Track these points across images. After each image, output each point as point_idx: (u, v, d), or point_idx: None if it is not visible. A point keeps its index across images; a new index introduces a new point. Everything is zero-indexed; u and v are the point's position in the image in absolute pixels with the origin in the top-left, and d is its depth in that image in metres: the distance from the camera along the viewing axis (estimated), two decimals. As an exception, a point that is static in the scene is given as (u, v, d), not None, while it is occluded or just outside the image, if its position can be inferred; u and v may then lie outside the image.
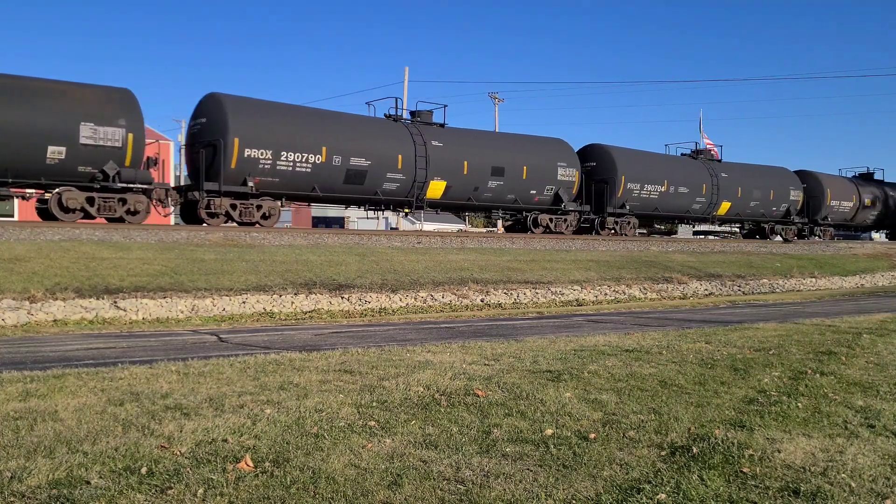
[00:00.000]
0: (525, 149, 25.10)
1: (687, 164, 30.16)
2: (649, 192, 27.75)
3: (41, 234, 15.21)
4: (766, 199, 31.86)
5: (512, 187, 24.32)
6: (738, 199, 30.90)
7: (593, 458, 4.18)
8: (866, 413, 5.40)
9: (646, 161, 28.43)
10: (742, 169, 32.04)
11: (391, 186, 21.85)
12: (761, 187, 31.61)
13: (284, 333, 10.36)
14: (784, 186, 32.65)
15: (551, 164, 25.25)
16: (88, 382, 5.90)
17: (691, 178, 29.34)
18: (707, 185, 29.60)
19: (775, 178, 32.67)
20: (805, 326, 11.17)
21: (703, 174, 29.79)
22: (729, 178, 30.55)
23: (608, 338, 9.38)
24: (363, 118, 22.49)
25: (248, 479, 3.71)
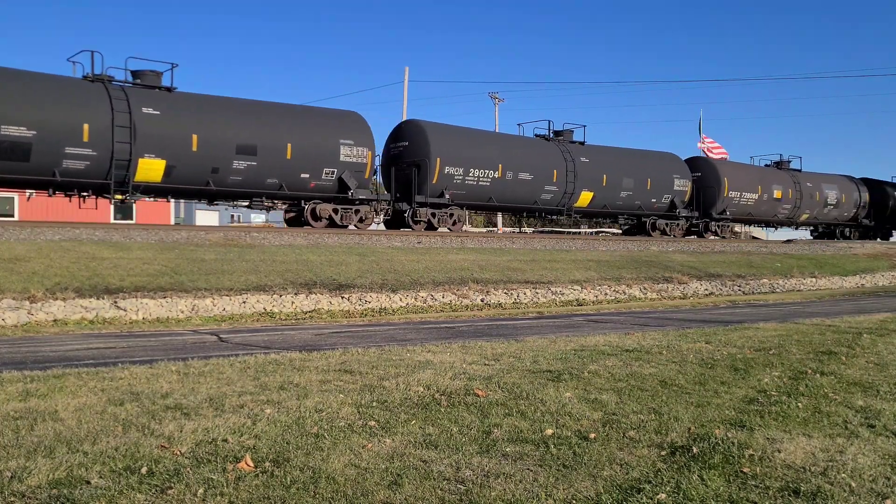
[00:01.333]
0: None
1: (533, 145, 25.98)
2: (476, 177, 23.57)
3: (41, 234, 15.21)
4: (641, 189, 27.79)
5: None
6: (602, 189, 26.66)
7: (593, 458, 4.18)
8: (866, 413, 5.40)
9: (472, 141, 24.22)
10: (612, 153, 28.11)
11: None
12: (635, 175, 27.74)
13: (284, 333, 10.36)
14: (667, 174, 28.85)
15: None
16: (88, 382, 5.91)
17: (538, 163, 25.12)
18: (560, 172, 25.43)
19: (656, 164, 28.99)
20: (805, 326, 11.16)
21: (554, 158, 25.51)
22: (591, 163, 26.42)
23: (608, 338, 9.37)
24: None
25: (248, 479, 3.71)
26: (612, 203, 27.43)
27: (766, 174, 33.29)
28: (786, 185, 33.28)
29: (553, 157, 25.70)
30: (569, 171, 25.72)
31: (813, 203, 34.51)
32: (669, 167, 29.27)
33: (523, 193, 24.95)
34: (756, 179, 32.13)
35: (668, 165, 29.35)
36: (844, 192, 36.33)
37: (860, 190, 37.22)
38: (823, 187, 35.20)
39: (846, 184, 36.95)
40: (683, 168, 29.89)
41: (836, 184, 36.23)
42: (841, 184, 36.62)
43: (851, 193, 36.71)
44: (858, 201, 36.81)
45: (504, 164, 24.12)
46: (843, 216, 36.63)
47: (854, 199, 36.75)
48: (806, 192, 34.06)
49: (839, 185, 36.33)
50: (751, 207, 31.85)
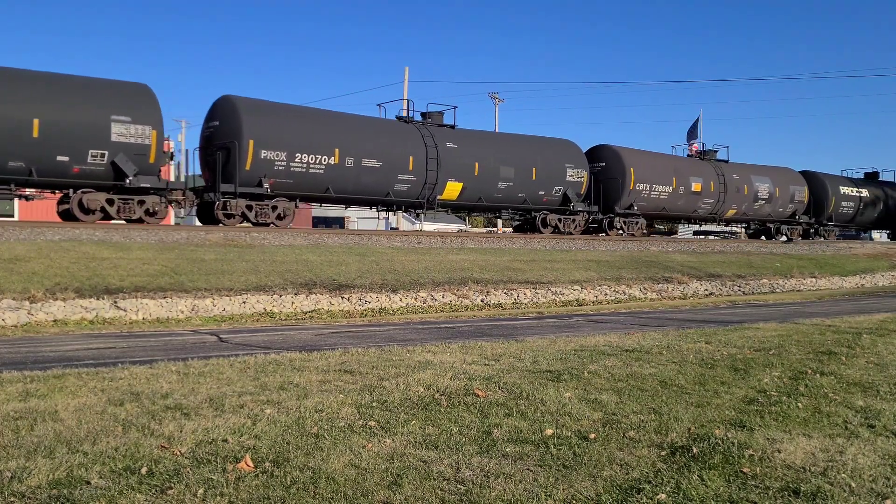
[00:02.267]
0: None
1: (384, 128, 22.58)
2: (306, 164, 20.40)
3: (41, 234, 15.21)
4: (524, 180, 24.74)
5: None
6: (474, 179, 23.46)
7: (593, 458, 4.18)
8: (866, 413, 5.40)
9: (299, 121, 21.01)
10: (487, 139, 24.98)
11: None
12: (517, 164, 24.36)
13: (284, 333, 10.36)
14: (558, 164, 25.44)
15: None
16: (88, 382, 5.91)
17: (389, 148, 21.90)
18: (418, 159, 22.15)
19: (545, 152, 25.50)
20: (805, 326, 11.16)
21: (411, 143, 22.33)
22: (459, 149, 23.16)
23: (608, 338, 9.37)
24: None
25: (248, 479, 3.71)
26: (489, 195, 23.98)
27: (684, 165, 29.97)
28: (707, 177, 30.04)
29: (410, 141, 22.22)
30: (430, 159, 22.29)
31: (740, 197, 31.28)
32: (561, 155, 25.76)
33: (370, 183, 21.48)
34: (670, 170, 28.81)
35: (559, 153, 25.79)
36: (779, 185, 32.90)
37: (798, 184, 33.97)
38: (753, 180, 31.92)
39: (782, 176, 33.61)
40: (578, 156, 26.31)
41: (768, 176, 32.85)
42: (776, 176, 33.26)
43: (787, 187, 33.29)
44: (795, 196, 33.46)
45: (342, 148, 20.68)
46: (777, 212, 33.28)
47: (790, 194, 33.34)
48: (732, 184, 30.82)
49: (773, 178, 32.91)
50: (664, 202, 28.48)
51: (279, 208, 20.29)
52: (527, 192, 24.80)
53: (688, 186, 29.18)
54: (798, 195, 33.61)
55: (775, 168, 34.16)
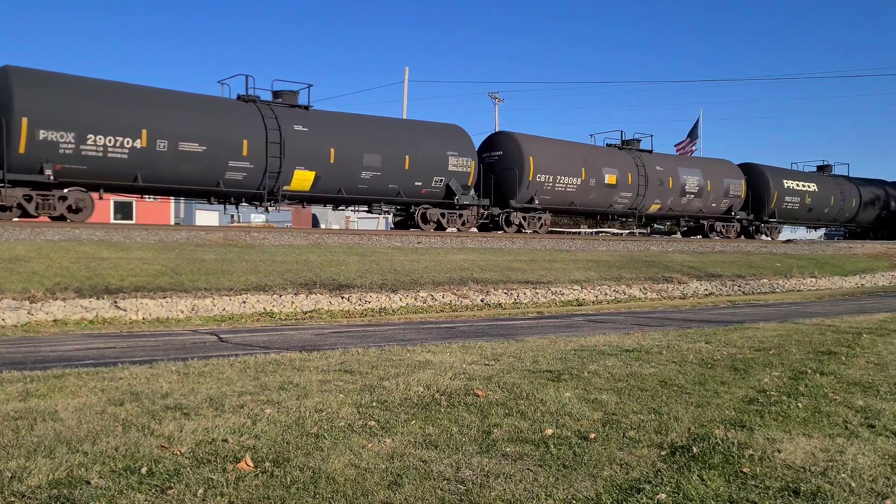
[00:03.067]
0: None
1: (212, 107, 19.48)
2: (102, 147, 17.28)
3: (41, 234, 15.22)
4: (395, 170, 21.70)
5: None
6: (329, 167, 20.61)
7: (593, 458, 4.18)
8: (866, 413, 5.40)
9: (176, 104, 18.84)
10: (349, 122, 21.63)
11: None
12: (385, 151, 21.56)
13: (284, 333, 10.36)
14: (438, 152, 22.62)
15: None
16: (88, 382, 5.91)
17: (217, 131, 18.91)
18: (255, 143, 19.38)
19: (423, 139, 22.59)
20: (805, 326, 11.17)
21: (246, 125, 19.41)
22: (310, 133, 20.34)
23: (608, 338, 9.38)
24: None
25: (248, 479, 3.71)
26: (351, 186, 21.03)
27: (596, 154, 26.84)
28: (624, 169, 27.03)
29: (246, 123, 19.19)
30: (271, 143, 19.30)
31: (664, 191, 28.24)
32: (443, 142, 22.83)
33: (194, 171, 18.38)
34: (579, 160, 25.76)
35: (441, 140, 22.87)
36: (711, 178, 29.91)
37: (734, 176, 31.09)
38: (680, 172, 29.02)
39: (716, 168, 30.66)
40: (464, 144, 23.28)
41: (698, 168, 29.98)
42: (708, 168, 30.31)
43: (721, 180, 30.30)
44: (730, 190, 30.48)
45: (151, 129, 17.65)
46: (710, 207, 30.23)
47: (725, 188, 30.36)
48: (654, 176, 27.78)
49: (704, 170, 29.92)
50: (572, 195, 25.46)
51: (70, 199, 17.36)
52: (400, 183, 21.76)
53: (600, 178, 26.16)
54: (734, 189, 30.68)
55: (708, 159, 31.75)
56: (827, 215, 35.37)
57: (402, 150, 21.90)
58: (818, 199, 34.27)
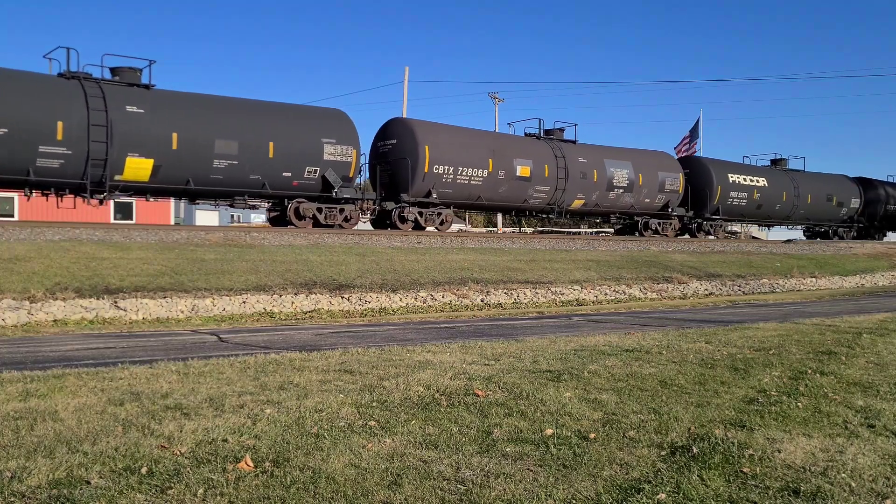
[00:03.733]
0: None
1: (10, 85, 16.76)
2: None
3: (41, 234, 15.22)
4: (257, 159, 19.19)
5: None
6: (172, 155, 18.05)
7: (593, 458, 4.18)
8: (866, 413, 5.40)
9: None
10: (200, 104, 19.09)
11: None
12: (244, 137, 18.96)
13: (284, 333, 10.36)
14: (311, 140, 20.10)
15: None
16: (88, 382, 5.91)
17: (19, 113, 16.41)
18: (73, 125, 16.79)
19: (292, 125, 20.02)
20: (805, 326, 11.16)
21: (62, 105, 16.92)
22: (147, 115, 17.84)
23: (608, 338, 9.38)
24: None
25: (248, 479, 3.71)
26: (202, 177, 18.38)
27: (507, 144, 24.26)
28: (540, 160, 24.39)
29: (62, 103, 16.69)
30: (94, 126, 16.78)
31: (588, 185, 25.62)
32: (319, 129, 20.24)
33: None
34: (485, 151, 23.25)
35: (316, 126, 20.29)
36: (643, 171, 27.20)
37: (671, 170, 28.36)
38: (607, 165, 26.22)
39: (649, 161, 27.93)
40: (345, 131, 20.71)
41: (629, 160, 27.16)
42: (640, 161, 27.53)
43: (655, 174, 27.60)
44: (666, 184, 27.93)
45: None
46: (643, 203, 27.56)
47: (660, 182, 27.76)
48: (575, 169, 25.20)
49: (636, 163, 27.20)
50: (478, 189, 23.10)
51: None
52: (264, 173, 19.28)
53: (511, 171, 23.65)
54: (671, 183, 28.02)
55: (643, 151, 28.58)
56: (779, 212, 32.65)
57: (265, 135, 19.29)
58: (769, 195, 31.51)
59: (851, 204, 35.51)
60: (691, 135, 44.45)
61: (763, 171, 32.41)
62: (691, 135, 44.45)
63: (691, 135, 44.45)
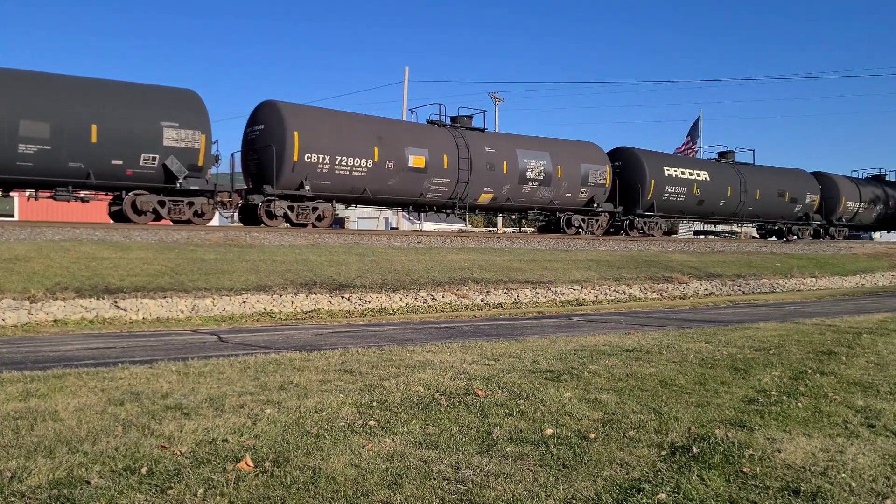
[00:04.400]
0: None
1: None
2: None
3: (41, 234, 15.21)
4: (80, 145, 16.63)
5: None
6: None
7: (593, 458, 4.18)
8: (866, 413, 5.40)
9: None
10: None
11: None
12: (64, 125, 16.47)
13: (284, 333, 10.36)
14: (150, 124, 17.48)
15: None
16: (88, 382, 5.91)
17: None
18: None
19: (127, 106, 17.37)
20: (805, 326, 11.16)
21: None
22: None
23: (608, 337, 9.37)
24: None
25: (248, 479, 3.71)
26: (6, 165, 16.15)
27: (396, 132, 21.66)
28: (438, 150, 21.93)
29: None
30: None
31: (498, 177, 23.23)
32: (158, 110, 17.63)
33: None
34: (370, 138, 20.69)
35: (154, 108, 17.64)
36: (563, 163, 24.58)
37: (596, 162, 25.69)
38: (520, 155, 23.73)
39: (571, 152, 25.24)
40: (193, 113, 18.13)
41: (546, 151, 24.47)
42: (559, 152, 24.79)
43: (577, 166, 24.97)
44: (590, 177, 25.38)
45: None
46: (563, 198, 24.99)
47: (582, 175, 25.13)
48: (482, 160, 22.77)
49: (554, 154, 24.52)
50: (361, 180, 20.48)
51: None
52: (87, 160, 16.82)
53: (402, 161, 21.22)
54: (596, 176, 25.55)
55: (562, 141, 25.91)
56: (724, 208, 29.90)
57: (86, 117, 16.74)
58: (711, 190, 28.96)
59: (807, 200, 33.06)
60: (691, 135, 44.44)
61: (705, 164, 30.07)
62: (691, 135, 44.44)
63: (691, 135, 44.44)
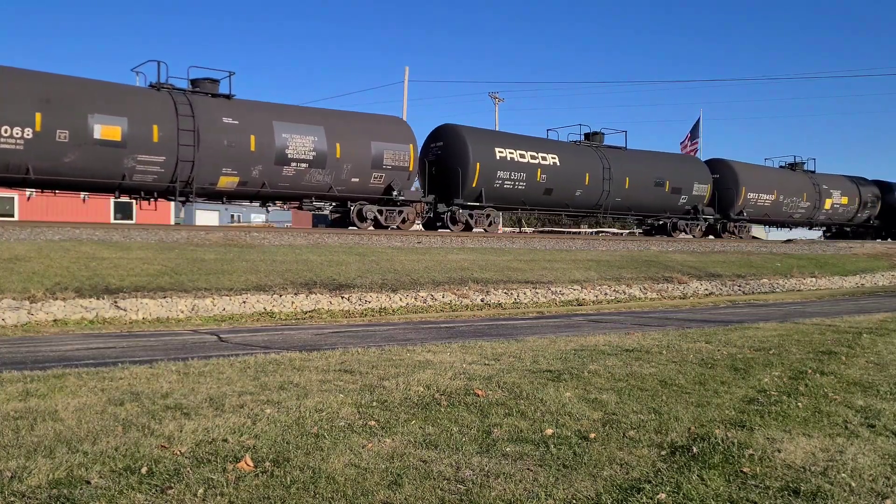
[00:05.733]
0: None
1: None
2: None
3: (41, 234, 15.21)
4: None
5: None
6: None
7: (593, 458, 4.17)
8: (866, 413, 5.40)
9: None
10: None
11: None
12: None
13: (284, 333, 10.36)
14: None
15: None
16: (88, 382, 5.90)
17: None
18: None
19: None
20: (805, 326, 11.16)
21: None
22: None
23: (608, 337, 9.37)
24: None
25: (248, 479, 3.70)
26: None
27: (73, 92, 16.78)
28: (145, 119, 17.48)
29: None
30: None
31: (243, 156, 18.77)
32: None
33: None
34: (29, 101, 15.97)
35: None
36: (345, 141, 20.25)
37: (398, 141, 21.21)
38: (279, 129, 19.39)
39: (352, 128, 20.67)
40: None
41: (321, 125, 20.05)
42: (337, 126, 20.31)
43: (366, 144, 20.61)
44: (385, 160, 20.83)
45: None
46: (349, 183, 20.51)
47: (376, 157, 20.71)
48: (216, 133, 18.34)
49: (331, 129, 20.09)
50: (20, 156, 15.88)
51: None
52: None
53: (84, 131, 16.63)
54: (394, 157, 21.02)
55: (346, 114, 21.32)
56: (582, 200, 25.14)
57: None
58: (562, 177, 24.05)
59: (694, 191, 28.41)
60: (692, 135, 44.43)
61: (556, 146, 24.90)
62: (692, 135, 44.43)
63: (692, 135, 44.43)
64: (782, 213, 32.25)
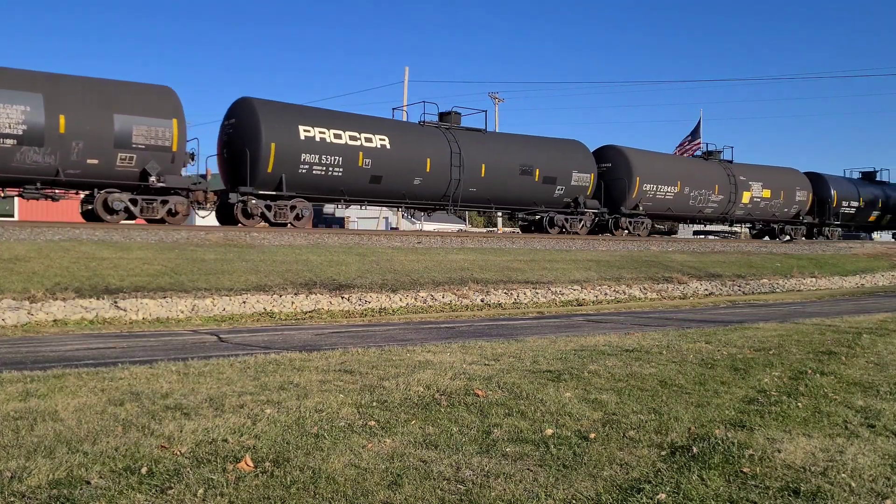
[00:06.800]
0: None
1: None
2: None
3: (41, 234, 15.21)
4: None
5: None
6: None
7: (593, 458, 4.17)
8: (866, 413, 5.40)
9: None
10: None
11: None
12: None
13: (284, 333, 10.36)
14: None
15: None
16: (88, 382, 5.90)
17: None
18: None
19: None
20: (805, 326, 11.16)
21: None
22: None
23: (608, 338, 9.37)
24: None
25: (248, 479, 3.70)
26: None
27: None
28: None
29: None
30: None
31: None
32: None
33: None
34: None
35: None
36: (70, 112, 16.38)
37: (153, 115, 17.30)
38: None
39: (90, 99, 16.72)
40: None
41: (40, 92, 16.04)
42: (58, 92, 16.30)
43: (108, 118, 16.74)
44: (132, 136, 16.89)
45: None
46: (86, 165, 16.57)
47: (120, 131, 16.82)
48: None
49: (51, 97, 16.13)
50: None
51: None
52: None
53: None
54: (146, 135, 17.21)
55: (71, 79, 16.96)
56: (422, 189, 21.78)
57: None
58: (395, 163, 20.96)
59: (574, 181, 24.77)
60: (692, 135, 44.39)
61: (384, 125, 21.41)
62: (692, 135, 44.39)
63: (692, 135, 44.39)
64: (689, 207, 28.15)
